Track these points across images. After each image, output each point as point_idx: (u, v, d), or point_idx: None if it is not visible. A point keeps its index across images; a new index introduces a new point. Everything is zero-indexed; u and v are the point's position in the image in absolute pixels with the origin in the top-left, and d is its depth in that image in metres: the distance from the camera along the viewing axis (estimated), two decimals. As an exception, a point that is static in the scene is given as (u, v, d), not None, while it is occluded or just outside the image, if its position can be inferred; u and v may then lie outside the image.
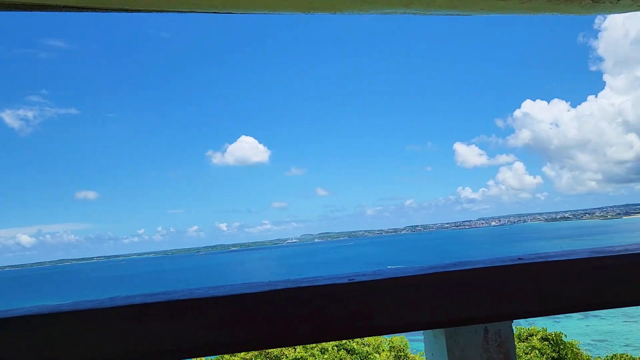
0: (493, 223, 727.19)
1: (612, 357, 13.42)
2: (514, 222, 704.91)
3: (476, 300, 1.08)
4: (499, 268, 1.24)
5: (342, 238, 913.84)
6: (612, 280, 1.28)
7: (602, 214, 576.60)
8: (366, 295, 0.80)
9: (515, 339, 12.89)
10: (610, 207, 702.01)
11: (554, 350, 12.90)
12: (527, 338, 13.17)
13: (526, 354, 12.39)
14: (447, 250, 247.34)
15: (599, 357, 14.22)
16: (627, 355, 13.31)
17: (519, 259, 1.24)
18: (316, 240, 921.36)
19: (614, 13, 1.31)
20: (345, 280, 0.80)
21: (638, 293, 1.19)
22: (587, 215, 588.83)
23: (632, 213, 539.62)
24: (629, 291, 1.18)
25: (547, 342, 13.00)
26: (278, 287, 0.78)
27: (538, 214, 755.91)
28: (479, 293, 1.07)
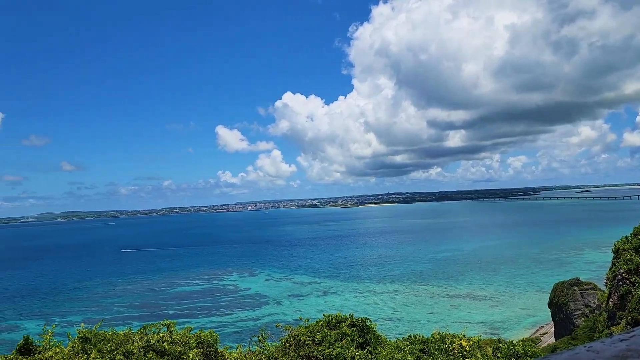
0: (250, 207, 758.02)
1: (408, 337, 13.72)
2: (269, 208, 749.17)
3: None
4: None
5: (90, 218, 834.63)
6: None
7: (343, 202, 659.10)
8: None
9: (325, 326, 11.71)
10: (350, 196, 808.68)
11: (361, 335, 13.06)
12: (335, 325, 13.24)
13: (338, 341, 12.21)
14: (207, 233, 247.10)
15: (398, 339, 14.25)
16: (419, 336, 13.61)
17: None
18: (59, 219, 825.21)
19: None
20: None
21: None
22: (331, 203, 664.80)
23: (366, 202, 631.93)
24: None
25: (355, 328, 13.16)
26: None
27: (290, 200, 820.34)
28: None
